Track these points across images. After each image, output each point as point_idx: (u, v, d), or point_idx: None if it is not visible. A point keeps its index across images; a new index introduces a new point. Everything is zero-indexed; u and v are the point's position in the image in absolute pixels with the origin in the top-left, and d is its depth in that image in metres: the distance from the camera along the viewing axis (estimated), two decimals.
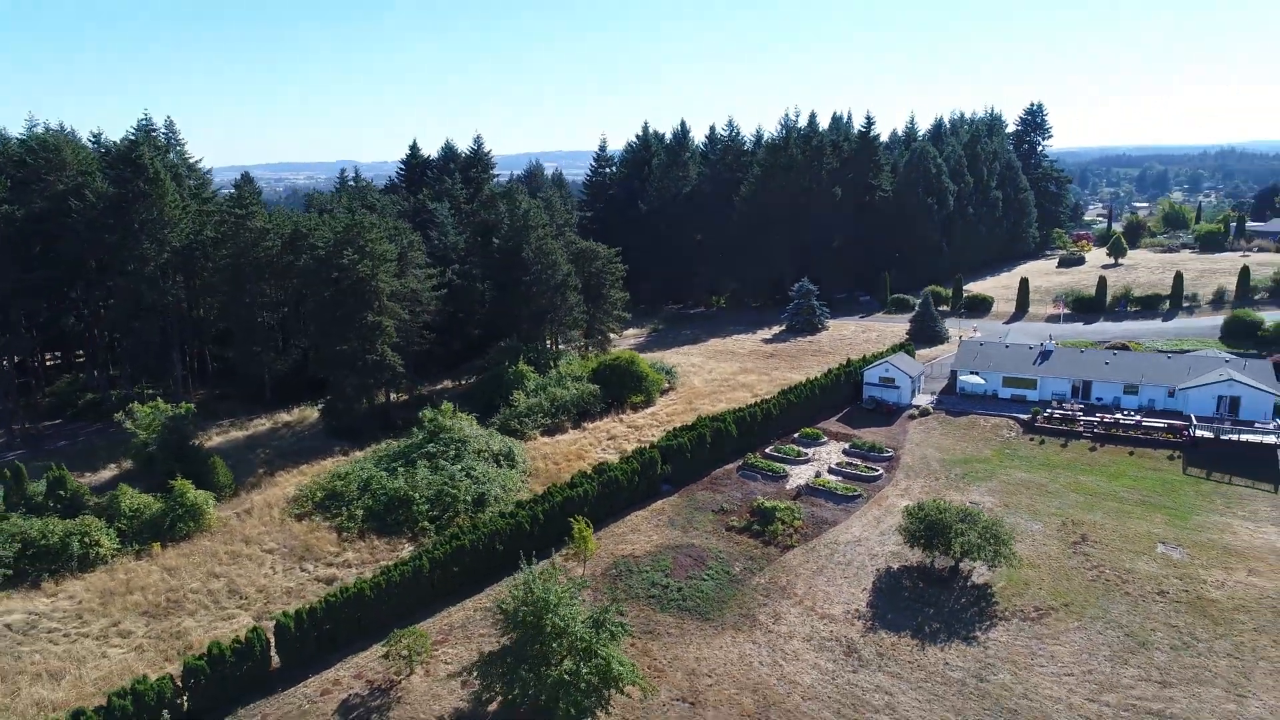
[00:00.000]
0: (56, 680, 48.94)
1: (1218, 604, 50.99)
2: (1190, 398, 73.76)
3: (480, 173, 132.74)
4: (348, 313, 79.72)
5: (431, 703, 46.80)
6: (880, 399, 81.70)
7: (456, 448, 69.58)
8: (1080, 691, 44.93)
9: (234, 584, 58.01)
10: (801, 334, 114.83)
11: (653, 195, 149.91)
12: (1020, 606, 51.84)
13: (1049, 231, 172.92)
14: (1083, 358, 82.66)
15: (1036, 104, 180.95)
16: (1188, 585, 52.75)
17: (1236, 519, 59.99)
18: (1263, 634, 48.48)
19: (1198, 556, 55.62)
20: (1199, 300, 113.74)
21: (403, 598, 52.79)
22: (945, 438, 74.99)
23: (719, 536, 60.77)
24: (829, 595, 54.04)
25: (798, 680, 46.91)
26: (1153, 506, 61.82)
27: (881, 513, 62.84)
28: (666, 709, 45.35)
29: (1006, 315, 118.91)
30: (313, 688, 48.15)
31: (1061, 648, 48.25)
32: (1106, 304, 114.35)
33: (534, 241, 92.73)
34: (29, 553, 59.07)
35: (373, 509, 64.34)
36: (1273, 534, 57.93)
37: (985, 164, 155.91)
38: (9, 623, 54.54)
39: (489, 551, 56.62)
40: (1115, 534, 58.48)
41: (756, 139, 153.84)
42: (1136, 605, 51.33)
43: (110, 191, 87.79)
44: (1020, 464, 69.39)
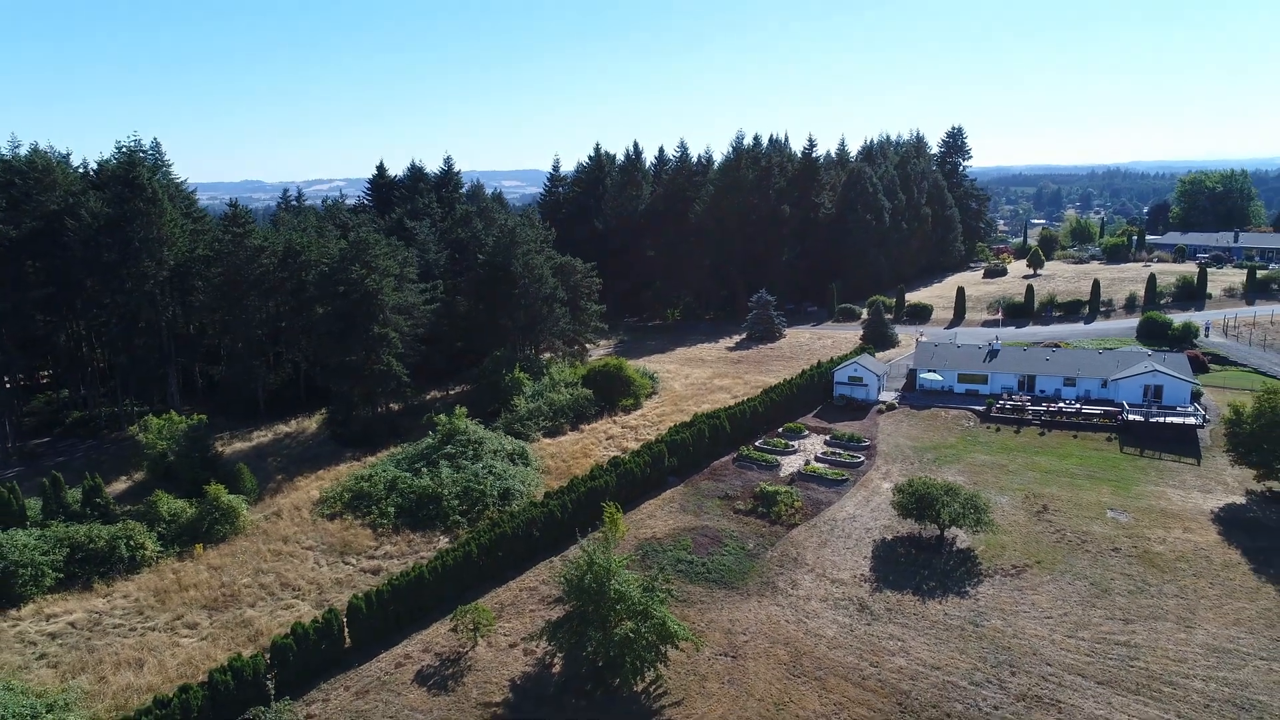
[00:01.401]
0: (139, 667, 52.20)
1: (1162, 556, 59.96)
2: (1121, 387, 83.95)
3: (451, 192, 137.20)
4: (354, 325, 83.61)
5: (499, 669, 51.91)
6: (850, 396, 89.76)
7: (474, 448, 74.44)
8: (1059, 630, 52.94)
9: (283, 578, 61.72)
10: (762, 341, 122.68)
11: (609, 213, 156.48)
12: (1000, 565, 59.87)
13: (973, 245, 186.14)
14: (1026, 355, 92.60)
15: (957, 128, 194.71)
16: (1136, 542, 61.67)
17: (1168, 487, 69.61)
18: (1200, 578, 57.51)
19: (1141, 519, 64.75)
20: (1114, 305, 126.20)
21: (456, 580, 57.64)
22: (913, 428, 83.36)
23: (729, 519, 67.34)
24: (836, 563, 61.11)
25: (822, 634, 53.71)
26: (1099, 480, 71.04)
27: (869, 493, 70.43)
28: (712, 662, 51.54)
29: (945, 321, 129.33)
30: (386, 662, 52.68)
31: (1039, 596, 56.33)
32: (1035, 309, 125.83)
33: (521, 256, 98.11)
34: (78, 556, 61.64)
35: (403, 506, 68.72)
36: (1199, 498, 67.64)
37: (915, 183, 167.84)
38: (72, 621, 57.27)
39: (527, 538, 61.90)
40: (1070, 503, 67.30)
41: (706, 160, 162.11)
42: (1096, 560, 59.90)
43: (105, 211, 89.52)
44: (982, 448, 78.10)
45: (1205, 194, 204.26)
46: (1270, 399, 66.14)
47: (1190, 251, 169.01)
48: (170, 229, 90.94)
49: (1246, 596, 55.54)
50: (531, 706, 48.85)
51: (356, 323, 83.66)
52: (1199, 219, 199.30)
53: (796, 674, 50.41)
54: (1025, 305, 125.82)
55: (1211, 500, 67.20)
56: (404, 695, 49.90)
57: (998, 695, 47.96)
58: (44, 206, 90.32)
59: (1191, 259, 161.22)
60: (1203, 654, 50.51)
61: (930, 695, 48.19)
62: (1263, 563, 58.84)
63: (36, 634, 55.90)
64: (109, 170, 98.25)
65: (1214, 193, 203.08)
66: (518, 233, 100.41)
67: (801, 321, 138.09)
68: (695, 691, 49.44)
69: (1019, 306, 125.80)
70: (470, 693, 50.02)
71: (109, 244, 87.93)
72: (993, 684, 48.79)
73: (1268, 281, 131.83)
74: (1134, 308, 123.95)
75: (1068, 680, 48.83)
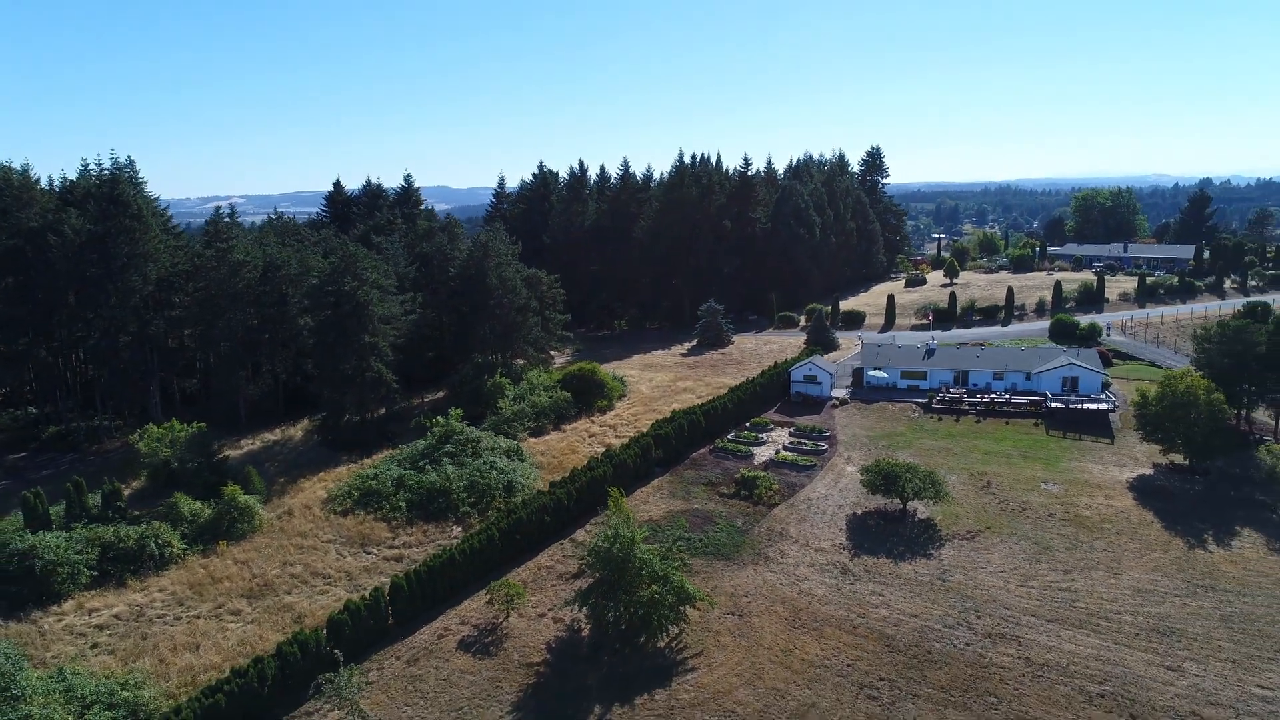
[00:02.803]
0: (195, 649, 56.11)
1: (1090, 519, 69.88)
2: (1043, 379, 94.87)
3: (412, 208, 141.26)
4: (346, 334, 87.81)
5: (534, 635, 57.79)
6: (806, 393, 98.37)
7: (473, 447, 79.78)
8: (1012, 581, 61.92)
9: (312, 568, 66.01)
10: (713, 348, 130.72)
11: (556, 228, 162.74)
12: (957, 531, 68.77)
13: (893, 257, 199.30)
14: (959, 353, 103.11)
15: (876, 148, 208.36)
16: (1068, 509, 71.50)
17: (1090, 463, 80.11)
18: (1122, 535, 67.51)
19: (1069, 489, 74.78)
20: (1026, 309, 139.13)
21: (482, 561, 63.16)
22: (866, 420, 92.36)
23: (715, 502, 74.59)
24: (816, 535, 69.00)
25: (813, 593, 61.38)
26: (1031, 459, 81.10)
27: (836, 476, 78.74)
28: (722, 620, 58.57)
29: (878, 326, 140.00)
30: (428, 634, 57.95)
31: (993, 555, 65.33)
32: (957, 314, 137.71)
33: (495, 268, 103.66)
34: (110, 555, 64.59)
35: (413, 500, 73.59)
36: (1115, 471, 78.25)
37: (841, 199, 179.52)
38: (116, 614, 60.50)
39: (540, 523, 67.85)
40: (1010, 479, 76.97)
41: (647, 178, 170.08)
42: (1036, 524, 69.39)
43: (87, 228, 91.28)
44: (928, 435, 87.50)
45: (1097, 209, 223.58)
46: (1171, 385, 77.21)
47: (1086, 261, 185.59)
48: (154, 244, 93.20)
49: (1160, 548, 65.71)
50: (570, 664, 54.90)
51: (348, 332, 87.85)
52: (1092, 232, 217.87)
53: (796, 626, 57.88)
54: (949, 310, 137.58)
55: (1126, 472, 77.89)
56: (451, 661, 55.28)
57: (968, 634, 56.40)
58: (23, 223, 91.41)
59: (1088, 268, 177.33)
60: (1129, 594, 60.14)
61: (912, 637, 56.30)
62: (1171, 521, 69.32)
63: (83, 626, 58.96)
64: (82, 188, 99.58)
65: (1105, 208, 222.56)
66: (490, 246, 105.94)
67: (745, 329, 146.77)
68: (712, 645, 56.34)
69: (944, 311, 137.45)
70: (512, 656, 55.76)
71: (93, 259, 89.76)
72: (963, 626, 57.25)
73: (1155, 287, 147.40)
74: (1043, 311, 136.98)
75: (1023, 620, 57.67)
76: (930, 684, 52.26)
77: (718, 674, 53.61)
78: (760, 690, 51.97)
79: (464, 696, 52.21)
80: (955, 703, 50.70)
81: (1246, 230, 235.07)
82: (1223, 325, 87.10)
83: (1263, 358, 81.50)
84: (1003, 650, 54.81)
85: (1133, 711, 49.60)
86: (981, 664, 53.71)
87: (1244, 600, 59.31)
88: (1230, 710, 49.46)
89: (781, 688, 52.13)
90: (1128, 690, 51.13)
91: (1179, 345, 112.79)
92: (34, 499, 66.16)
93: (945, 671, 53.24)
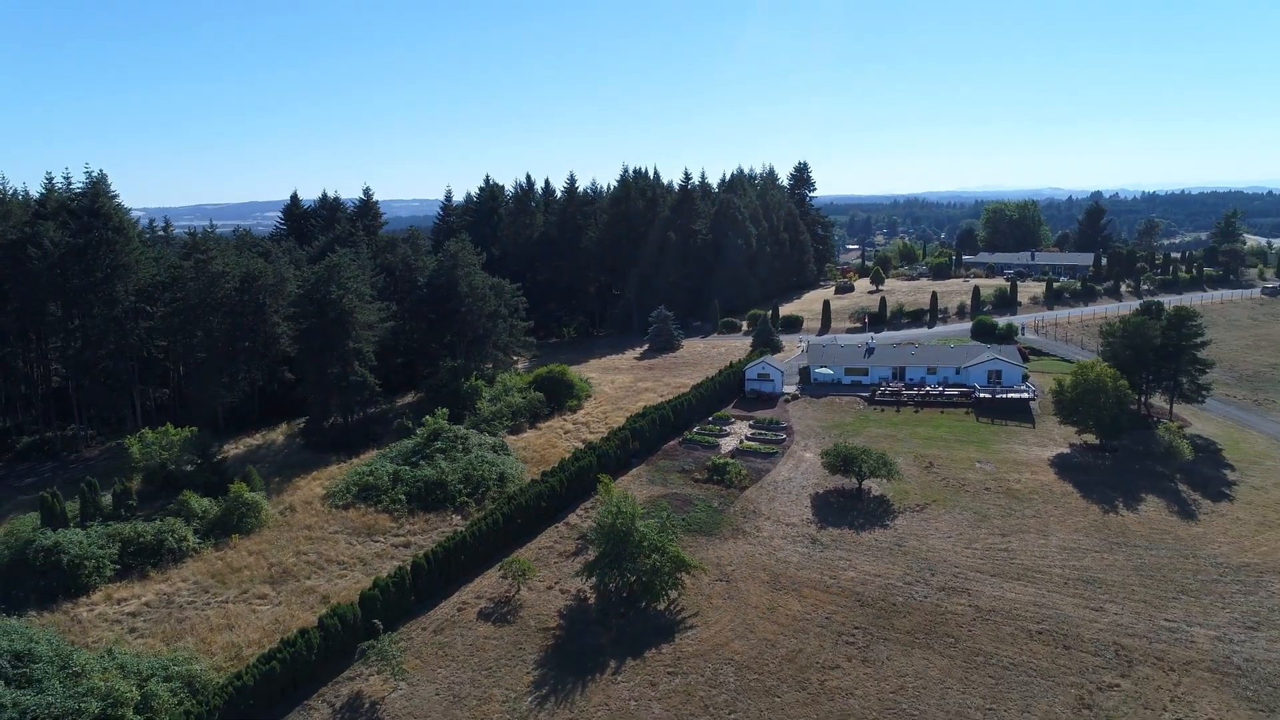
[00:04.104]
0: (231, 629, 60.49)
1: (1020, 491, 79.68)
2: (971, 373, 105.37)
3: (371, 221, 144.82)
4: (331, 340, 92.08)
5: (545, 605, 63.97)
6: (760, 390, 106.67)
7: (462, 443, 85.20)
8: (958, 544, 70.94)
9: (325, 555, 70.63)
10: (664, 351, 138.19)
11: (505, 240, 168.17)
12: (908, 505, 77.64)
13: (821, 266, 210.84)
14: (896, 351, 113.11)
15: (803, 163, 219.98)
16: (1000, 483, 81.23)
17: (1016, 445, 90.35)
18: (1048, 504, 77.43)
19: (1001, 467, 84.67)
20: (948, 312, 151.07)
21: (489, 543, 68.96)
22: (817, 412, 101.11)
23: (691, 486, 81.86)
24: (785, 512, 76.94)
25: (789, 560, 69.19)
26: (965, 442, 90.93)
27: (796, 461, 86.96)
28: (712, 585, 65.83)
29: (815, 330, 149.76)
30: (448, 608, 63.54)
31: (940, 524, 74.35)
32: (887, 317, 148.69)
33: (465, 277, 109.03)
34: (130, 550, 68.00)
35: (412, 493, 78.65)
36: (1038, 450, 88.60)
37: (774, 211, 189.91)
38: (146, 602, 64.19)
39: (537, 508, 73.96)
40: (949, 459, 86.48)
41: (593, 191, 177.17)
42: (975, 497, 78.84)
43: (66, 240, 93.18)
44: (874, 424, 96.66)
45: (1006, 220, 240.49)
46: (1083, 374, 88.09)
47: (998, 268, 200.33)
48: (135, 256, 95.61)
49: (1080, 514, 75.81)
50: (582, 627, 61.27)
51: (333, 338, 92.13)
52: (1002, 241, 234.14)
53: (777, 588, 65.54)
54: (880, 314, 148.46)
55: (1047, 451, 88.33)
56: (474, 629, 61.02)
57: (925, 589, 64.98)
58: (2, 236, 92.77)
59: (1000, 274, 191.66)
60: (1057, 552, 69.82)
61: (878, 593, 64.59)
62: (1087, 491, 79.67)
63: (116, 614, 62.51)
64: (55, 200, 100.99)
65: (1013, 219, 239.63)
66: (460, 256, 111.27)
67: (691, 334, 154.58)
68: (706, 606, 63.49)
69: (875, 315, 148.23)
70: (529, 623, 61.82)
71: (75, 270, 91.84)
72: (920, 582, 65.84)
73: (1061, 291, 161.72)
74: (964, 314, 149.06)
75: (970, 576, 66.62)
76: (897, 630, 60.51)
77: (714, 630, 60.77)
78: (753, 641, 59.35)
79: (491, 658, 58.07)
80: (920, 643, 59.03)
81: (1137, 239, 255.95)
82: (1124, 322, 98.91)
83: (1158, 349, 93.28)
84: (955, 600, 63.51)
85: (1065, 644, 58.76)
86: (939, 612, 62.28)
87: (1150, 553, 69.58)
88: (1144, 639, 59.09)
89: (771, 638, 59.61)
90: (1060, 628, 60.32)
91: (1084, 342, 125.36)
92: (51, 499, 68.95)
93: (909, 619, 61.60)
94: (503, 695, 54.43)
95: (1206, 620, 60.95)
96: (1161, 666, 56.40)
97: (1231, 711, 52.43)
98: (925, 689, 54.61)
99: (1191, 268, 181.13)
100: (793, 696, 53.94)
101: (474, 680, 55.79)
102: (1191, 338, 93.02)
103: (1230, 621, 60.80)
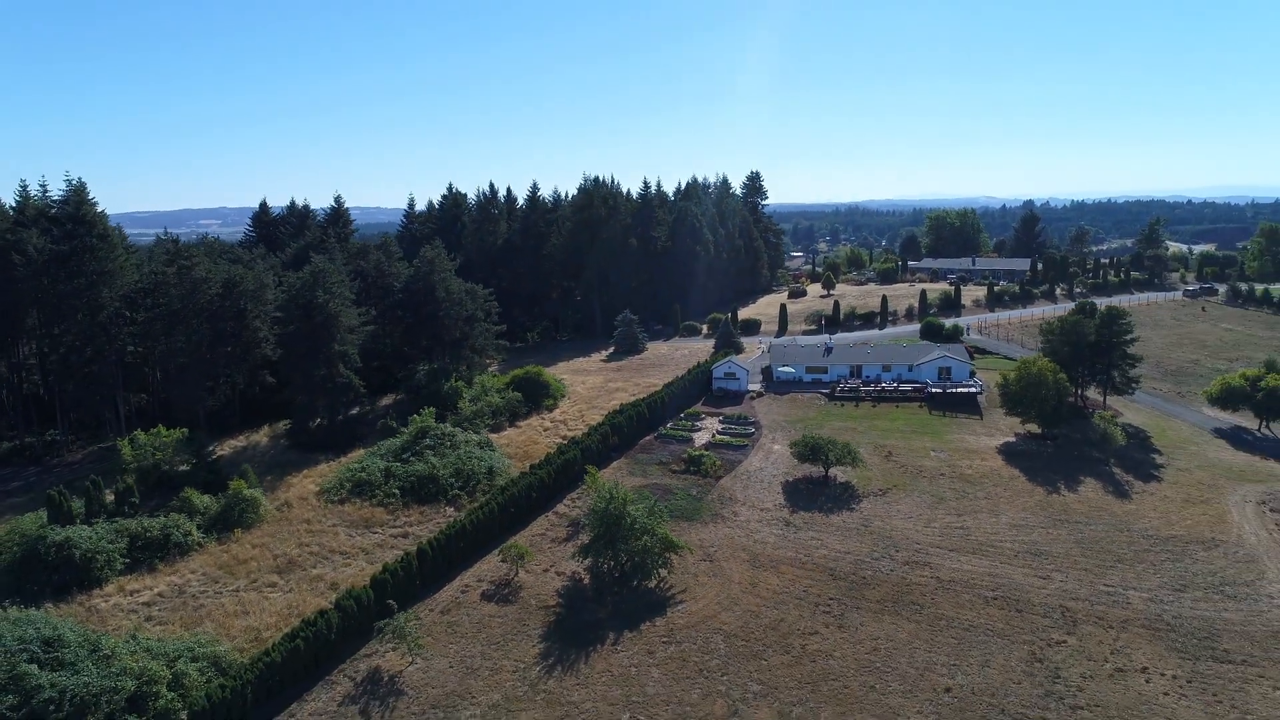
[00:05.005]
0: (247, 615, 63.67)
1: (972, 476, 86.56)
2: (923, 370, 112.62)
3: (342, 228, 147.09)
4: (318, 343, 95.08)
5: (543, 586, 68.41)
6: (726, 388, 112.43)
7: (450, 440, 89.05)
8: (919, 524, 77.30)
9: (327, 547, 74.01)
10: (630, 354, 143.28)
11: (469, 247, 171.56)
12: (871, 490, 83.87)
13: (774, 272, 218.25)
14: (852, 350, 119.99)
15: (755, 172, 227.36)
16: (954, 469, 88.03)
17: (966, 434, 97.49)
18: (997, 487, 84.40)
19: (954, 455, 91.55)
20: (898, 314, 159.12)
21: (485, 531, 73.10)
22: (782, 408, 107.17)
23: (670, 477, 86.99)
24: (759, 498, 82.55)
25: (765, 541, 74.74)
26: (920, 433, 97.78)
27: (766, 452, 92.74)
28: (698, 565, 70.99)
29: (773, 332, 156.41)
30: (452, 590, 67.59)
31: (902, 506, 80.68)
32: (840, 319, 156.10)
33: (442, 282, 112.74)
34: (138, 544, 70.54)
35: (405, 487, 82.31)
36: (987, 439, 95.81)
37: (730, 219, 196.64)
38: (159, 592, 66.95)
39: (528, 499, 78.35)
40: (906, 449, 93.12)
41: (555, 199, 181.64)
42: (931, 482, 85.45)
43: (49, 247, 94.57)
44: (835, 418, 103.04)
45: (948, 227, 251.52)
46: (1026, 368, 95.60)
47: (942, 273, 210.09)
48: (119, 262, 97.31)
49: (1026, 495, 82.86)
50: (580, 604, 65.86)
51: (320, 341, 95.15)
52: (944, 248, 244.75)
53: (757, 566, 70.99)
54: (834, 317, 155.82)
55: (994, 440, 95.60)
56: (479, 608, 65.19)
57: (891, 563, 71.07)
58: None
59: (943, 279, 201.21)
60: (1007, 529, 76.58)
61: (849, 568, 70.46)
62: (1032, 475, 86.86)
63: (131, 604, 65.15)
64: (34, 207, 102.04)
65: (954, 226, 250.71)
66: (436, 261, 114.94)
67: (654, 338, 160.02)
68: (693, 583, 68.59)
69: (829, 318, 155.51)
70: (529, 602, 66.18)
71: (61, 276, 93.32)
72: (886, 558, 71.92)
73: (1001, 294, 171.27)
74: (912, 316, 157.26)
75: (931, 551, 72.93)
76: (868, 599, 66.38)
77: (702, 604, 65.91)
78: (739, 612, 64.62)
79: (498, 633, 62.32)
80: (889, 611, 64.96)
81: (1069, 246, 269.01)
82: (1062, 321, 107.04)
83: (1093, 346, 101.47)
84: (918, 573, 69.67)
85: (1017, 607, 65.23)
86: (904, 583, 68.35)
87: (1090, 528, 76.76)
88: (1086, 602, 65.86)
89: (755, 610, 64.96)
90: (1012, 594, 66.81)
91: (1024, 341, 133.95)
92: (59, 497, 71.04)
93: (878, 590, 67.54)
94: (512, 666, 58.74)
95: (1140, 584, 68.02)
96: (1102, 624, 63.11)
97: (1162, 660, 59.27)
98: (895, 649, 60.42)
99: (1119, 272, 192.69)
100: (778, 659, 59.26)
101: (484, 654, 60.01)
102: (1122, 334, 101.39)
103: (1160, 585, 67.96)
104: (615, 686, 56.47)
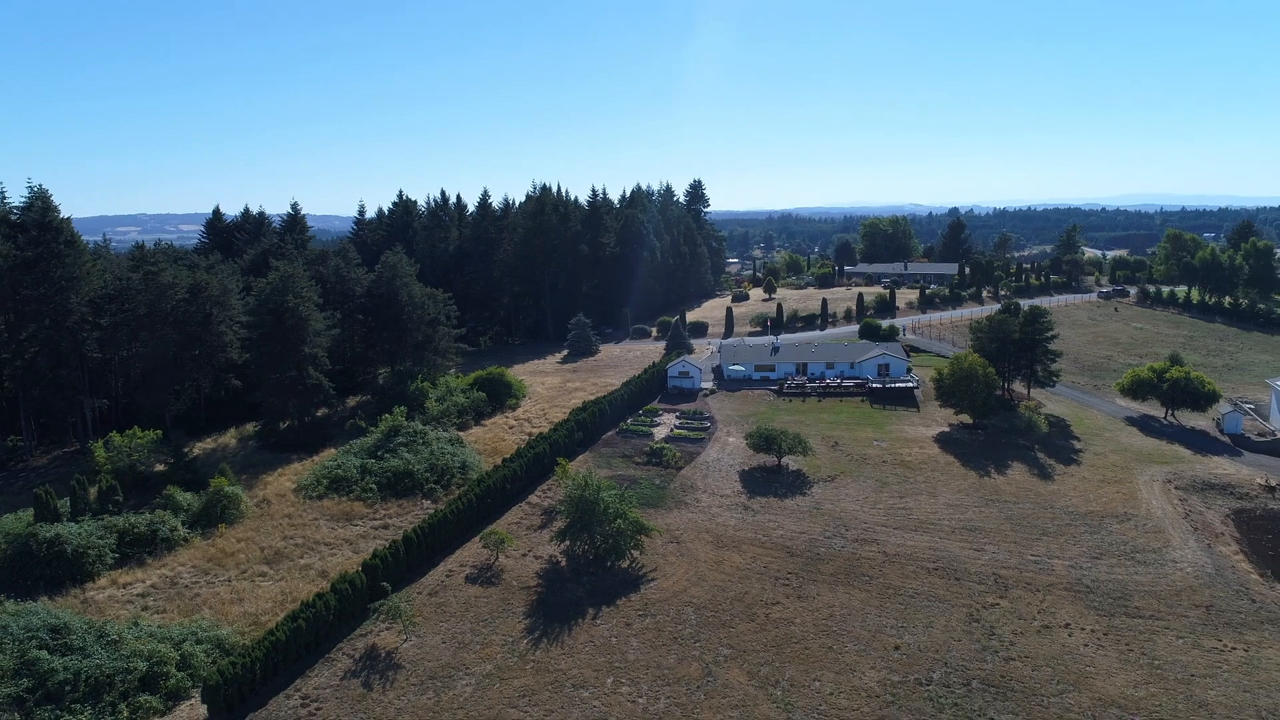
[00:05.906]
0: (241, 602, 66.74)
1: (911, 463, 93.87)
2: (864, 367, 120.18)
3: (299, 235, 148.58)
4: (288, 346, 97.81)
5: (523, 569, 73.00)
6: (681, 386, 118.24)
7: (422, 437, 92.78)
8: (865, 506, 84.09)
9: (311, 539, 77.26)
10: (584, 356, 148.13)
11: (420, 253, 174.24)
12: (821, 477, 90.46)
13: (717, 276, 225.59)
14: (797, 349, 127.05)
15: (697, 181, 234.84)
16: (896, 457, 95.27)
17: (905, 425, 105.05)
18: (935, 472, 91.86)
19: (894, 444, 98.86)
20: (837, 316, 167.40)
21: (465, 520, 77.29)
22: (734, 404, 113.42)
23: (634, 468, 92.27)
24: (719, 486, 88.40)
25: (727, 524, 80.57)
26: (863, 424, 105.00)
27: (722, 445, 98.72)
28: (666, 547, 76.40)
29: (720, 334, 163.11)
30: (437, 575, 71.66)
31: (849, 490, 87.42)
32: (784, 321, 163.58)
33: (405, 287, 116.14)
34: (127, 540, 72.86)
35: (381, 483, 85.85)
36: (924, 430, 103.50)
37: (674, 226, 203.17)
38: (151, 584, 69.51)
39: (502, 490, 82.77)
40: (851, 439, 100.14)
41: (505, 206, 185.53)
42: (875, 468, 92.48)
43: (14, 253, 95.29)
44: (784, 413, 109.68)
45: (881, 234, 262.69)
46: (958, 363, 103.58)
47: (876, 277, 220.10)
48: (87, 268, 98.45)
49: (960, 478, 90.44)
50: (559, 584, 70.62)
51: (290, 344, 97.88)
52: (877, 253, 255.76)
53: (721, 546, 76.74)
54: (778, 319, 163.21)
55: (931, 430, 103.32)
56: (465, 590, 69.45)
57: (842, 541, 77.55)
58: None
59: (878, 283, 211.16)
60: (945, 509, 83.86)
61: (804, 545, 76.70)
62: (965, 461, 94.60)
63: (126, 596, 67.61)
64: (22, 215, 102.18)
65: (887, 233, 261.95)
66: (398, 267, 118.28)
67: (606, 340, 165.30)
68: (662, 563, 73.95)
69: (774, 320, 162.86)
70: (511, 583, 70.69)
71: (27, 282, 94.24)
72: (838, 536, 78.39)
73: (933, 297, 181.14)
74: (851, 317, 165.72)
75: (877, 530, 79.69)
76: (823, 573, 72.64)
77: (672, 580, 71.31)
78: (706, 587, 70.20)
79: (484, 612, 66.71)
80: (842, 582, 71.29)
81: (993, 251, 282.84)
82: (990, 320, 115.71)
83: (1018, 342, 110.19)
84: (867, 549, 76.28)
85: (955, 576, 72.22)
86: (855, 558, 74.85)
87: (1018, 507, 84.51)
88: (1016, 570, 73.22)
89: (721, 584, 70.62)
90: (951, 565, 73.83)
91: (955, 340, 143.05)
92: (45, 495, 72.81)
93: (831, 564, 73.88)
94: (501, 640, 63.22)
95: (1062, 554, 75.75)
96: (1030, 589, 70.46)
97: (1083, 617, 66.74)
98: (849, 615, 66.68)
99: (1040, 275, 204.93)
100: (745, 627, 64.96)
101: (474, 630, 64.35)
102: (1044, 333, 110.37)
103: (1080, 554, 75.79)
104: (598, 655, 61.43)
